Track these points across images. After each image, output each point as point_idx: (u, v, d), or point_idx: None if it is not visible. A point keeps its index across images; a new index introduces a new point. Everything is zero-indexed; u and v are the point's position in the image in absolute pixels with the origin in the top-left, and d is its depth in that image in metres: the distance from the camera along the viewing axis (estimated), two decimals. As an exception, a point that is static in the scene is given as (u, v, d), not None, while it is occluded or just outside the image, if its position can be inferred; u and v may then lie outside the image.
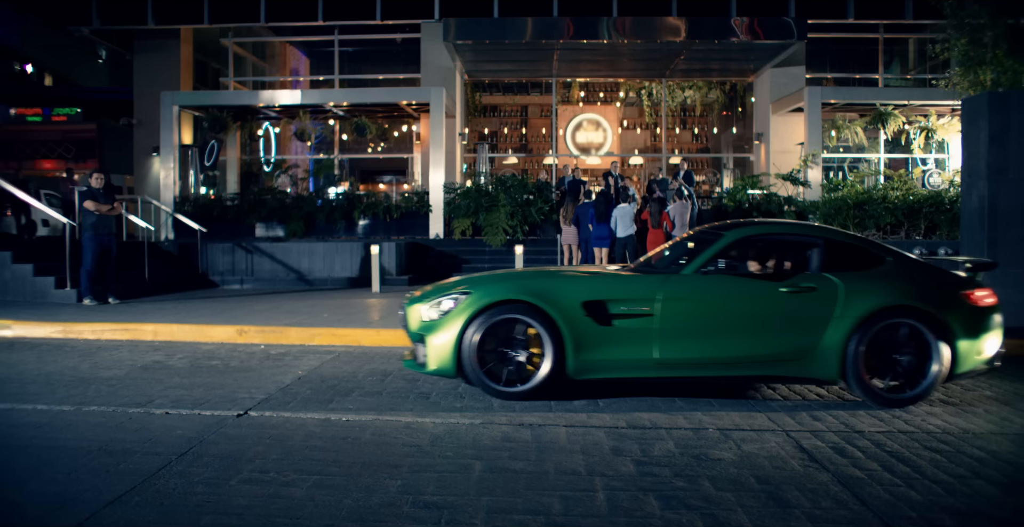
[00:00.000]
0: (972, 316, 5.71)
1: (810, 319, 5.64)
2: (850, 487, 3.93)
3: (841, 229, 6.38)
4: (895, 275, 5.84)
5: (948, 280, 5.90)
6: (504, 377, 5.66)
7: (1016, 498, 3.82)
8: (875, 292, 5.65)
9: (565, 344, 5.58)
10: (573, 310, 5.60)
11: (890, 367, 5.65)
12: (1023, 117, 12.27)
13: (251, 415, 5.27)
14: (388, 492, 3.83)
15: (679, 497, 3.78)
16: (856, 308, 5.58)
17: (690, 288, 5.75)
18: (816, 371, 5.66)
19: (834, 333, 5.59)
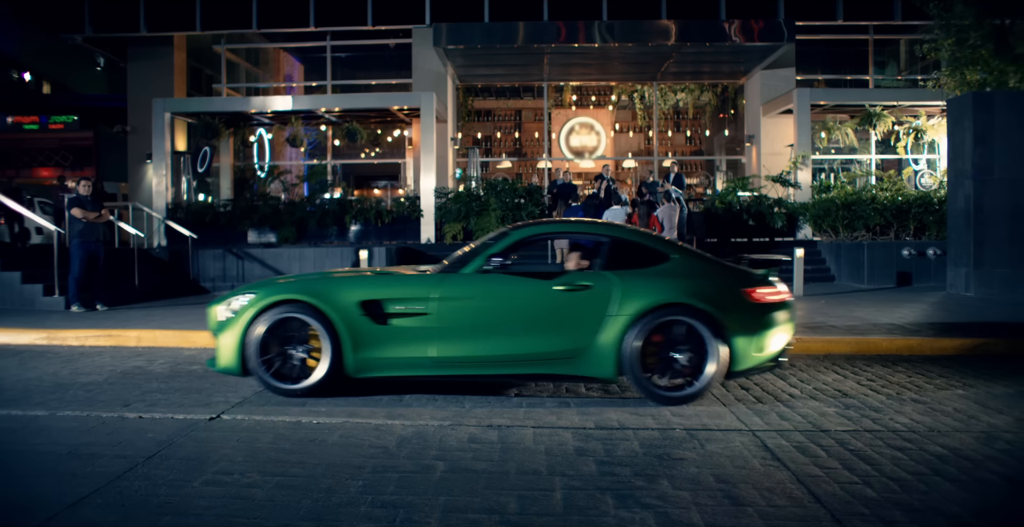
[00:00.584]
0: (752, 314, 5.72)
1: (585, 317, 5.66)
2: (808, 485, 3.96)
3: (632, 227, 6.43)
4: (676, 273, 5.84)
5: (731, 278, 5.92)
6: (285, 374, 5.81)
7: (970, 494, 3.84)
8: (651, 290, 5.66)
9: (343, 343, 5.70)
10: (350, 309, 5.71)
11: (668, 365, 5.68)
12: (1008, 117, 12.37)
13: (223, 418, 5.31)
14: (348, 492, 3.87)
15: (635, 496, 3.81)
16: (631, 306, 5.59)
17: (466, 288, 5.80)
18: (593, 369, 5.68)
19: (610, 331, 5.61)
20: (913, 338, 8.03)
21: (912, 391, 6.14)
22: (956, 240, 12.93)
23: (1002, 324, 9.20)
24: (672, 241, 6.28)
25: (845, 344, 7.99)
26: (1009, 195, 12.31)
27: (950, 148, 13.24)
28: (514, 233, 6.14)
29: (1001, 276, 12.29)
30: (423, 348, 5.71)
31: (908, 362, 7.43)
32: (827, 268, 15.90)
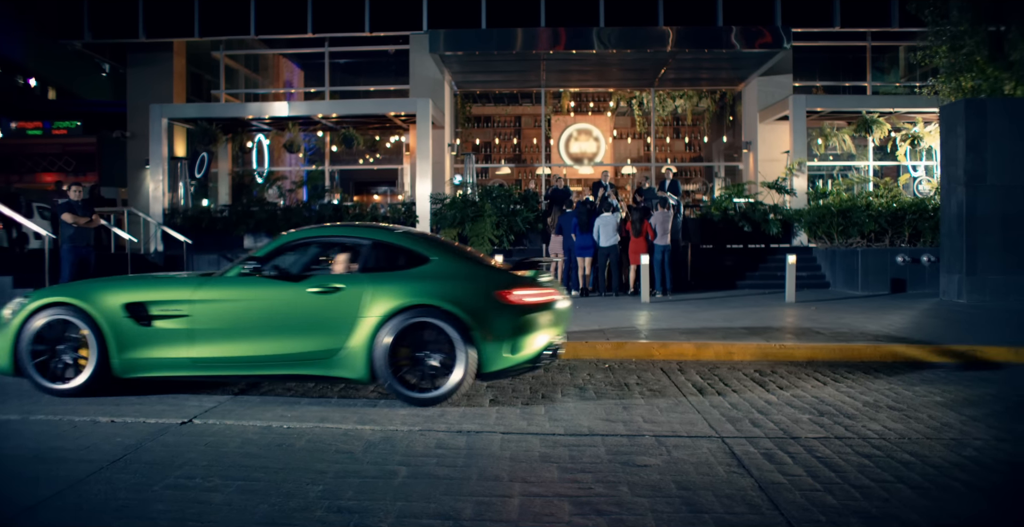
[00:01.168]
0: (505, 315, 5.76)
1: (337, 319, 5.75)
2: (769, 492, 3.94)
3: (402, 230, 6.48)
4: (431, 275, 5.92)
5: (487, 280, 5.95)
6: (56, 375, 5.99)
7: (931, 502, 3.82)
8: (401, 292, 5.73)
9: (108, 344, 5.87)
10: (115, 311, 5.89)
11: (418, 366, 5.75)
12: (1000, 124, 12.34)
13: (195, 423, 5.32)
14: (307, 497, 3.88)
15: (593, 503, 3.80)
16: (380, 307, 5.68)
17: (223, 290, 5.94)
18: (347, 370, 5.76)
19: (361, 333, 5.69)
20: (897, 345, 7.99)
21: (890, 398, 6.12)
22: (949, 247, 12.89)
23: (991, 331, 9.16)
24: (442, 243, 6.39)
25: (828, 351, 7.96)
26: (1002, 202, 12.27)
27: (943, 155, 13.21)
28: (280, 238, 6.30)
29: (994, 283, 12.25)
30: (183, 349, 5.87)
31: (890, 369, 7.39)
32: (822, 275, 15.87)
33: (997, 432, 5.12)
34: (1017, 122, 12.28)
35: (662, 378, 6.95)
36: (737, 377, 6.99)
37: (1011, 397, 6.18)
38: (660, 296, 13.79)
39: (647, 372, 7.28)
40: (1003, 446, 4.78)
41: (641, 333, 8.90)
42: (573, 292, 14.26)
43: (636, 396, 6.20)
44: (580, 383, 6.73)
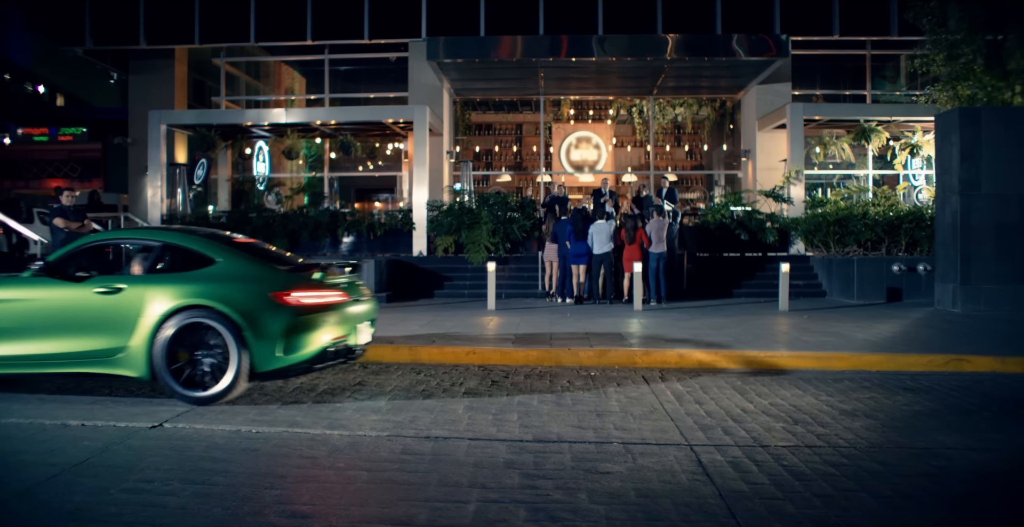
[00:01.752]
0: (281, 316, 5.90)
1: (119, 319, 5.93)
2: (729, 501, 3.91)
3: (193, 232, 6.76)
4: (212, 276, 6.08)
5: (266, 281, 6.08)
6: None
7: (891, 511, 3.79)
8: (179, 293, 5.90)
9: None
10: None
11: (195, 366, 5.91)
12: (994, 132, 12.30)
13: (165, 427, 5.32)
14: (262, 501, 3.87)
15: (549, 509, 3.78)
16: (159, 308, 5.86)
17: (17, 290, 6.16)
18: (129, 369, 5.91)
19: (141, 332, 5.87)
20: (883, 354, 7.94)
21: (868, 407, 6.07)
22: (943, 256, 12.82)
23: (981, 341, 9.10)
24: (234, 245, 6.57)
25: (813, 360, 7.91)
26: (996, 211, 12.20)
27: (938, 163, 13.16)
28: (78, 241, 6.56)
29: (988, 292, 12.17)
30: None
31: (874, 379, 7.32)
32: (819, 283, 15.79)
33: (971, 442, 5.07)
34: (1012, 130, 12.22)
35: (642, 386, 6.92)
36: (718, 385, 6.95)
37: (991, 406, 6.13)
38: (655, 304, 13.74)
39: (627, 379, 7.24)
40: (974, 455, 4.74)
41: (626, 341, 8.87)
42: (568, 299, 14.22)
43: (613, 403, 6.17)
44: (558, 389, 6.70)
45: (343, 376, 7.31)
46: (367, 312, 6.79)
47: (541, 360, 8.09)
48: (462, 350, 8.21)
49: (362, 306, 6.67)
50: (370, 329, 6.97)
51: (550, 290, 14.81)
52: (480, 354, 8.15)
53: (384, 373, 7.52)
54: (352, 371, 7.59)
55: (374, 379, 7.18)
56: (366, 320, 6.77)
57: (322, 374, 7.36)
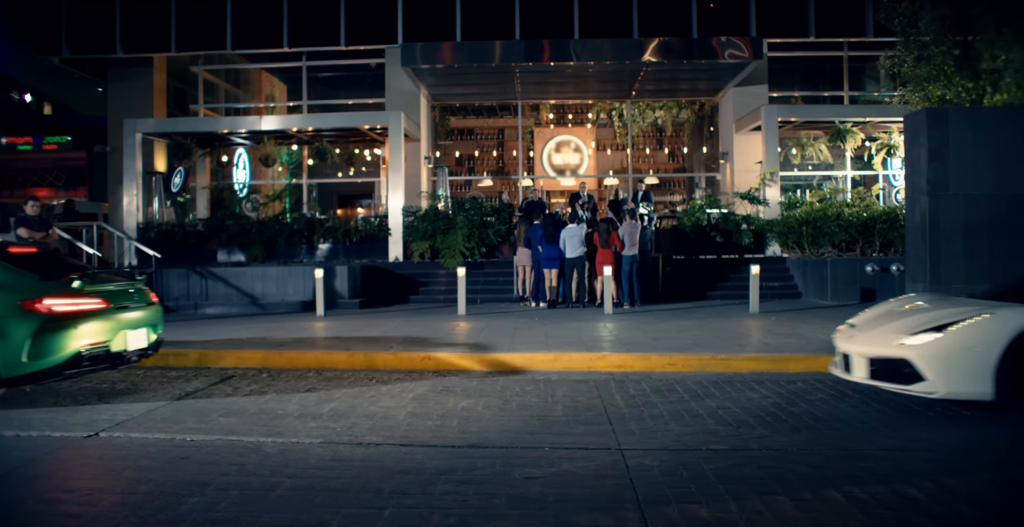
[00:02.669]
0: (26, 323, 5.95)
1: None
2: (644, 505, 3.90)
3: None
4: None
5: (16, 289, 6.12)
6: None
7: (805, 514, 3.79)
8: None
9: None
10: None
11: None
12: (961, 133, 12.30)
13: (100, 436, 5.30)
14: (179, 509, 3.86)
15: (463, 515, 3.77)
16: None
17: None
18: None
19: None
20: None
21: (818, 408, 6.07)
22: (913, 256, 12.82)
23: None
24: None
25: (768, 362, 7.91)
26: (964, 211, 12.19)
27: (907, 164, 13.17)
28: None
29: (957, 293, 12.15)
30: None
31: (832, 381, 7.30)
32: (795, 285, 15.82)
33: (904, 442, 5.09)
34: (979, 131, 12.22)
35: (592, 390, 6.91)
36: (671, 389, 6.94)
37: (934, 407, 6.13)
38: (628, 307, 13.75)
39: (581, 384, 7.23)
40: (902, 456, 4.75)
41: (583, 345, 8.87)
42: (541, 304, 14.22)
43: (557, 408, 6.16)
44: (508, 396, 6.69)
45: (294, 383, 7.30)
46: (142, 318, 6.86)
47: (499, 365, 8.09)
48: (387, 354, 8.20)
49: (136, 313, 6.77)
50: (151, 334, 7.02)
51: (524, 294, 14.81)
52: (435, 359, 8.15)
53: (336, 380, 7.51)
54: (305, 378, 7.59)
55: (325, 385, 7.17)
56: (142, 326, 6.84)
57: (273, 382, 7.35)
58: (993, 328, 5.74)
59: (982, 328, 5.78)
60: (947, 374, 5.76)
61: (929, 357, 5.80)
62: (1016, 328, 5.64)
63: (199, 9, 19.49)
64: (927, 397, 5.94)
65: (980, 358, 5.66)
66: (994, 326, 5.75)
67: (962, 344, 5.77)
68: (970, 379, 5.69)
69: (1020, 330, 5.62)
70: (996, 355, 5.61)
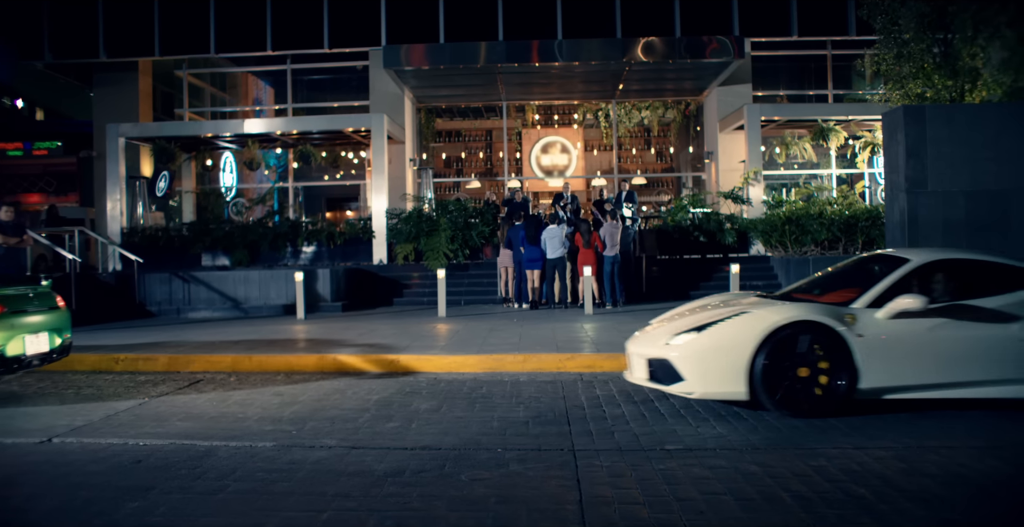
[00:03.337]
0: None
1: None
2: (586, 507, 3.88)
3: None
4: None
5: None
6: None
7: (749, 514, 3.77)
8: None
9: None
10: None
11: None
12: (939, 130, 12.31)
13: (52, 442, 5.28)
14: (116, 514, 3.86)
15: (401, 517, 3.76)
16: None
17: None
18: None
19: None
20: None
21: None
22: (893, 254, 12.81)
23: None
24: None
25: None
26: (943, 208, 12.19)
27: (886, 161, 13.17)
28: None
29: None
30: None
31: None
32: (779, 284, 15.77)
33: (857, 441, 5.07)
34: (956, 128, 12.22)
35: (558, 391, 6.90)
36: (638, 389, 6.91)
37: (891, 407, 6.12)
38: (610, 307, 13.74)
39: (549, 384, 7.22)
40: (854, 454, 4.73)
41: (555, 346, 8.85)
42: (524, 305, 14.21)
43: (520, 410, 6.15)
44: (474, 398, 6.67)
45: (261, 387, 7.28)
46: (43, 322, 6.94)
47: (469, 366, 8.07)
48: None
49: (36, 317, 6.85)
50: (56, 339, 7.08)
51: (507, 296, 14.79)
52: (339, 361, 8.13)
53: (303, 383, 7.50)
54: (273, 382, 7.57)
55: (291, 388, 7.15)
56: (43, 330, 6.91)
57: (240, 385, 7.33)
58: (746, 327, 5.80)
59: (736, 328, 5.85)
60: (704, 374, 5.83)
61: (687, 357, 5.87)
62: (767, 327, 5.70)
63: (182, 13, 19.47)
64: (688, 397, 6.05)
65: (733, 357, 5.72)
66: (747, 325, 5.81)
67: (717, 344, 5.84)
68: (725, 378, 5.75)
69: (771, 329, 5.68)
70: (748, 354, 5.68)
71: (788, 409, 5.68)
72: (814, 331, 5.69)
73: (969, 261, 6.51)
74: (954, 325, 5.80)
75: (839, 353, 5.66)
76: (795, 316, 5.74)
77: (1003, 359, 5.77)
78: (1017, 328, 5.76)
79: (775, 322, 5.70)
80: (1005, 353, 5.76)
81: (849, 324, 5.72)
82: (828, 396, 5.68)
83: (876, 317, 5.78)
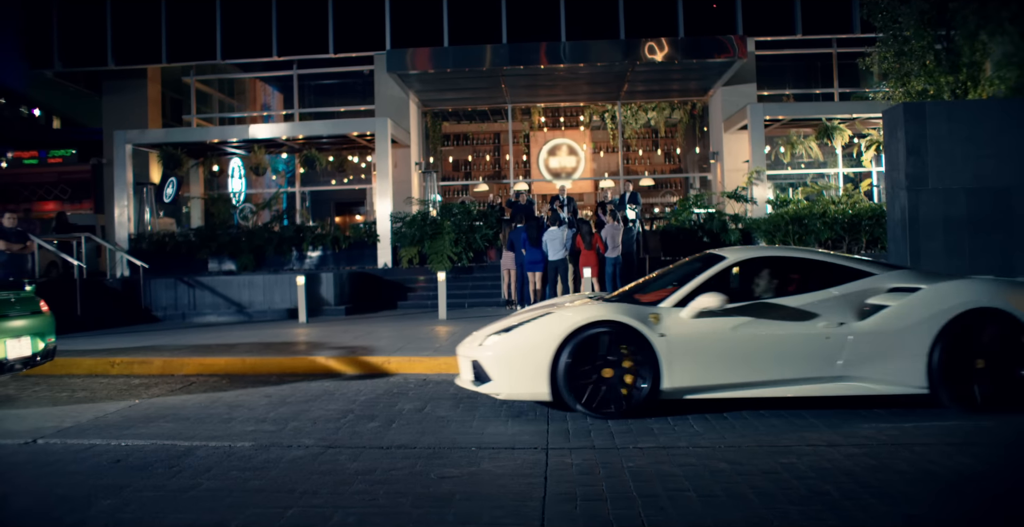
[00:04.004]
0: None
1: None
2: (549, 504, 3.91)
3: None
4: None
5: None
6: None
7: (711, 509, 3.78)
8: None
9: None
10: None
11: None
12: (939, 127, 12.24)
13: (38, 443, 5.36)
14: (88, 512, 3.94)
15: (365, 514, 3.80)
16: None
17: None
18: None
19: None
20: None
21: (764, 407, 6.04)
22: (895, 252, 12.76)
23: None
24: None
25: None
26: (944, 205, 12.12)
27: (886, 159, 13.11)
28: None
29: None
30: None
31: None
32: (783, 284, 15.73)
33: (831, 437, 5.07)
34: (956, 124, 12.15)
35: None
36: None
37: (864, 403, 6.10)
38: (612, 309, 13.71)
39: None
40: (825, 451, 4.73)
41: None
42: (526, 307, 14.22)
43: (503, 409, 6.19)
44: (460, 397, 6.71)
45: (252, 389, 7.35)
46: (25, 327, 6.97)
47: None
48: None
49: (17, 322, 6.89)
50: (39, 343, 7.11)
51: (510, 298, 14.83)
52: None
53: (294, 384, 7.55)
54: (265, 384, 7.64)
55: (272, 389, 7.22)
56: (25, 334, 6.95)
57: (232, 387, 7.41)
58: (548, 328, 5.80)
59: (539, 328, 5.86)
60: (509, 375, 5.85)
61: (493, 358, 5.90)
62: (568, 327, 5.70)
63: (189, 20, 19.67)
64: (496, 398, 6.07)
65: (536, 358, 5.72)
66: (550, 326, 5.81)
67: (521, 345, 5.86)
68: (529, 379, 5.76)
69: (572, 329, 5.68)
70: (550, 355, 5.68)
71: (591, 409, 5.68)
72: (618, 331, 5.69)
73: (786, 259, 6.48)
74: (757, 324, 5.76)
75: (643, 353, 5.66)
76: (596, 316, 5.74)
77: (806, 357, 5.72)
78: (822, 325, 5.72)
79: (576, 322, 5.71)
80: (808, 351, 5.72)
81: (652, 324, 5.71)
82: (633, 396, 5.69)
83: (680, 316, 5.77)
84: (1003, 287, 5.89)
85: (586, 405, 5.67)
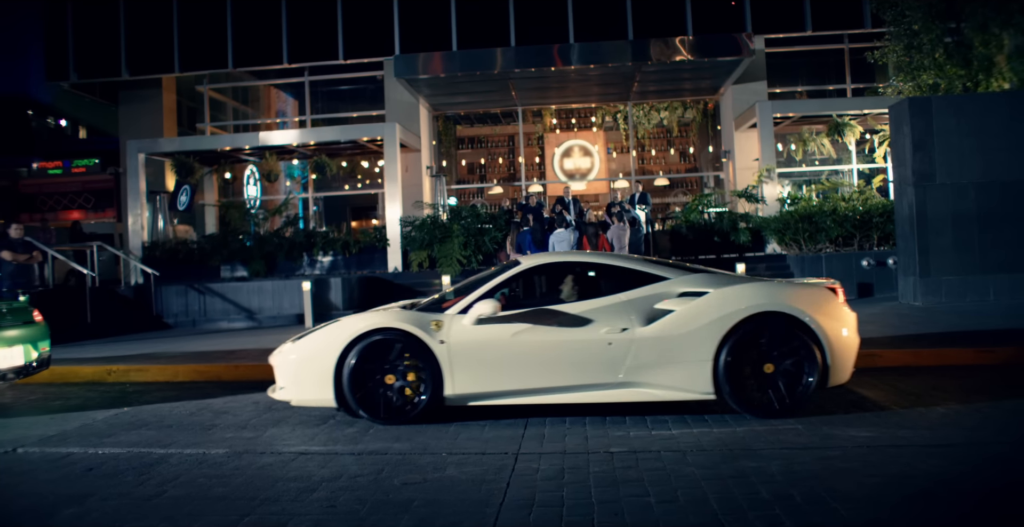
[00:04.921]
0: None
1: None
2: (505, 510, 3.88)
3: None
4: None
5: None
6: None
7: (670, 515, 3.74)
8: None
9: None
10: None
11: None
12: (945, 122, 12.10)
13: (17, 452, 5.43)
14: (50, 521, 3.98)
15: (321, 522, 3.80)
16: None
17: None
18: None
19: None
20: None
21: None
22: (904, 249, 12.60)
23: (916, 335, 8.91)
24: None
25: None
26: (952, 201, 11.96)
27: (893, 155, 12.97)
28: None
29: (948, 284, 11.92)
30: None
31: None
32: (793, 283, 15.56)
33: (808, 440, 4.99)
34: (962, 118, 11.99)
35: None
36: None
37: (842, 402, 6.01)
38: (619, 310, 13.65)
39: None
40: (797, 455, 4.66)
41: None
42: (533, 309, 14.19)
43: (486, 414, 6.16)
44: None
45: (242, 396, 7.39)
46: (18, 336, 7.04)
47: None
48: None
49: (10, 331, 6.96)
50: (32, 352, 7.17)
51: (518, 300, 14.78)
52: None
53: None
54: (257, 390, 7.67)
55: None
56: (18, 344, 7.01)
57: (223, 394, 7.45)
58: (332, 336, 5.81)
59: (324, 336, 5.86)
60: (297, 382, 5.87)
61: (284, 365, 5.93)
62: (350, 335, 5.72)
63: (201, 29, 19.92)
64: (291, 404, 6.02)
65: (321, 365, 5.73)
66: (333, 334, 5.82)
67: (307, 352, 5.87)
68: (314, 386, 5.77)
69: (354, 336, 5.70)
70: (333, 362, 5.69)
71: (375, 416, 5.72)
72: (401, 338, 5.69)
73: (581, 264, 6.46)
74: (536, 330, 5.69)
75: (423, 360, 5.67)
76: (376, 323, 5.74)
77: (587, 363, 5.64)
78: (604, 331, 5.62)
79: (358, 330, 5.71)
80: (588, 357, 5.64)
81: (434, 331, 5.68)
82: (415, 403, 5.71)
83: (463, 323, 5.73)
84: (786, 289, 5.83)
85: (370, 412, 5.71)
